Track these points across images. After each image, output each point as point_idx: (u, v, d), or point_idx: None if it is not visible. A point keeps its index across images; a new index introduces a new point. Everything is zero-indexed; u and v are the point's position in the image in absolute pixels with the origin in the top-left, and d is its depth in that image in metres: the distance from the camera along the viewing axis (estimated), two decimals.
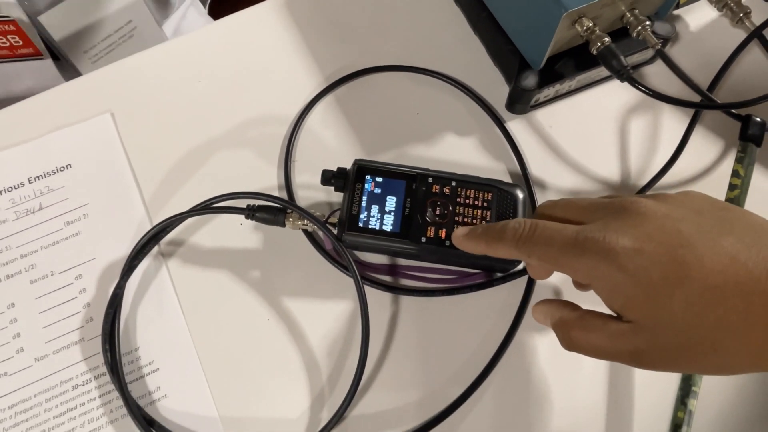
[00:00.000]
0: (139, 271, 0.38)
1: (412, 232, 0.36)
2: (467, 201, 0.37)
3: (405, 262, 0.39)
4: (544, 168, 0.42)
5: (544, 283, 0.39)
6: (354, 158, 0.38)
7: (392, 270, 0.39)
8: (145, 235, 0.38)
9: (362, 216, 0.36)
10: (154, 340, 0.37)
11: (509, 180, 0.41)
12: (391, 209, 0.36)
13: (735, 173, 0.40)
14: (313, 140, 0.42)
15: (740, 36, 0.45)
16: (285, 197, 0.40)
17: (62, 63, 0.56)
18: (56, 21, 0.53)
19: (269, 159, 0.42)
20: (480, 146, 0.42)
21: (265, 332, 0.37)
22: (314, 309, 0.38)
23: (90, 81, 0.44)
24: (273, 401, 0.36)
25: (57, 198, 0.40)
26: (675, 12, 0.47)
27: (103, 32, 0.58)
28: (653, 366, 0.26)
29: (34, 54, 0.51)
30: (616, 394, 0.36)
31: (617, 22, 0.38)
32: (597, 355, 0.27)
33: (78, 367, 0.36)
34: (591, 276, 0.27)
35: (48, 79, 0.57)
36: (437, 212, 0.36)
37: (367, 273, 0.38)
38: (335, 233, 0.36)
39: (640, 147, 0.42)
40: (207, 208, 0.38)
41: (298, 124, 0.42)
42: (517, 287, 0.38)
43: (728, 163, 0.42)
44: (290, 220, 0.37)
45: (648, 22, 0.36)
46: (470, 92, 0.44)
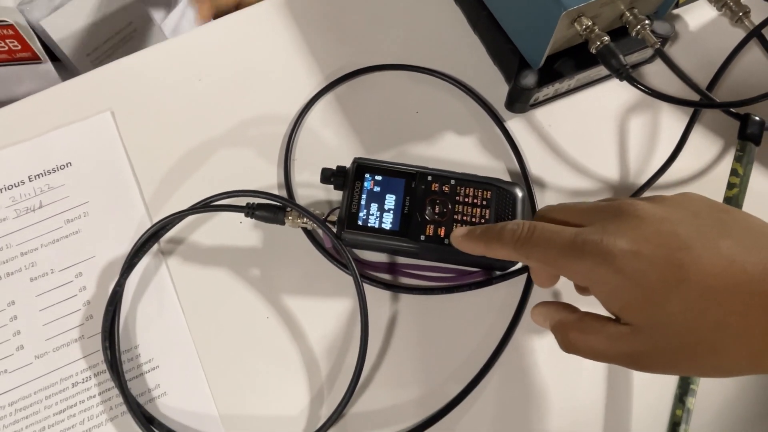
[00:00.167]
0: (139, 269, 0.38)
1: (412, 231, 0.36)
2: (466, 199, 0.37)
3: (404, 261, 0.39)
4: (544, 167, 0.42)
5: None
6: (353, 157, 0.38)
7: (391, 268, 0.39)
8: (145, 233, 0.38)
9: (362, 214, 0.36)
10: (154, 338, 0.37)
11: (508, 179, 0.41)
12: (391, 207, 0.36)
13: (734, 172, 0.40)
14: (313, 139, 0.43)
15: (739, 35, 0.45)
16: (285, 195, 0.40)
17: (63, 66, 0.57)
18: (59, 25, 0.54)
19: (269, 157, 0.42)
20: (479, 145, 0.42)
21: (265, 330, 0.37)
22: (314, 307, 0.38)
23: (90, 80, 0.44)
24: (272, 398, 0.36)
25: (57, 196, 0.40)
26: (674, 11, 0.47)
27: (105, 34, 0.59)
28: (652, 368, 0.26)
29: (33, 58, 0.51)
30: (615, 392, 0.36)
31: (616, 21, 0.38)
32: (595, 358, 0.27)
33: (78, 365, 0.36)
34: (589, 278, 0.27)
35: (48, 82, 0.57)
36: (436, 210, 0.36)
37: (367, 271, 0.38)
38: (335, 231, 0.36)
39: (640, 146, 0.43)
40: (207, 206, 0.38)
41: (298, 123, 0.42)
42: (516, 286, 0.38)
43: (727, 162, 0.42)
44: (290, 219, 0.37)
45: (647, 21, 0.36)
46: (470, 91, 0.44)
